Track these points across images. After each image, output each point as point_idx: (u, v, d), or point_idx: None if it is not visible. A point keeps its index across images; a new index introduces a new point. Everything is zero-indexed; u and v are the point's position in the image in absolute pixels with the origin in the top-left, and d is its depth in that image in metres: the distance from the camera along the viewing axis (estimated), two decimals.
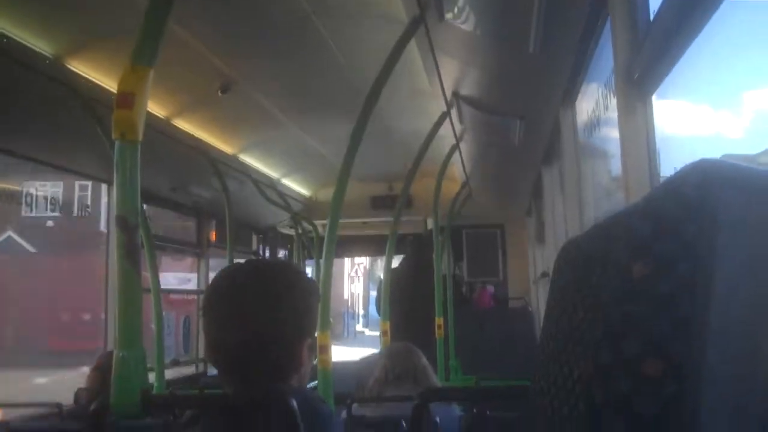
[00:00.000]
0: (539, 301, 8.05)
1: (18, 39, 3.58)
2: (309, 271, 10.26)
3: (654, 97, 2.57)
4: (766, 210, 0.67)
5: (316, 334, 1.70)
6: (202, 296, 7.86)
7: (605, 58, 3.23)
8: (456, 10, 3.35)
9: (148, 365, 2.01)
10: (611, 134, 3.50)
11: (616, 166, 3.25)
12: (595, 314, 0.77)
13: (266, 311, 1.55)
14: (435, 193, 6.26)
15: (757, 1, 2.06)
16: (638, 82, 2.54)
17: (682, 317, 0.65)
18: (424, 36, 3.53)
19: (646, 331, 0.67)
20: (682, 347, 0.64)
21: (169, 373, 6.10)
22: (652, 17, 2.52)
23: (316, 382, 3.48)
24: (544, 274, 7.06)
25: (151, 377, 5.44)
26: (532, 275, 8.76)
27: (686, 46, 2.17)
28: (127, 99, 1.97)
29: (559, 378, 0.84)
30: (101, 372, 3.87)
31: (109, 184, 5.74)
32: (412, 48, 3.70)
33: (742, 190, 0.67)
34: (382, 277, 6.37)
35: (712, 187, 0.66)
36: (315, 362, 3.58)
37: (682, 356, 0.64)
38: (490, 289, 9.39)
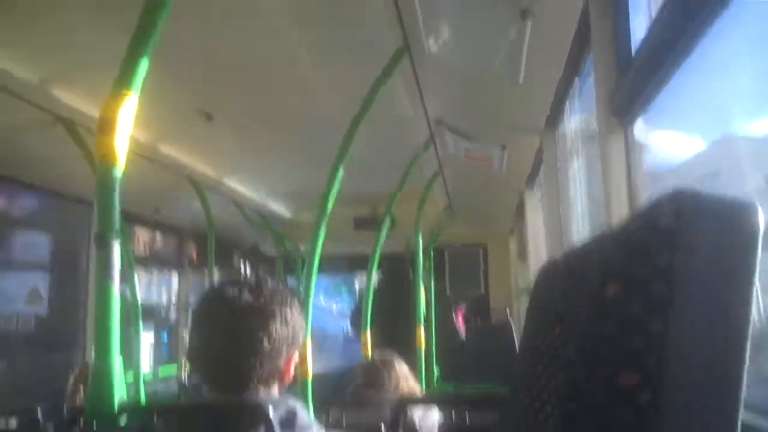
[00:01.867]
0: (520, 316, 8.11)
1: (2, 65, 3.57)
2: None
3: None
4: (738, 238, 0.68)
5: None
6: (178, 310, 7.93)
7: (588, 86, 3.28)
8: (440, 42, 3.38)
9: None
10: (592, 160, 3.55)
11: (597, 190, 3.29)
12: (571, 331, 0.79)
13: (262, 327, 1.62)
14: (417, 213, 6.30)
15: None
16: (619, 112, 2.58)
17: (654, 334, 0.66)
18: (409, 66, 3.55)
19: (620, 347, 0.68)
20: (654, 361, 0.65)
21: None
22: (633, 51, 2.57)
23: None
24: (525, 290, 7.12)
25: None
26: (514, 291, 8.83)
27: (667, 79, 2.21)
28: (109, 124, 1.99)
29: (535, 389, 0.86)
30: (80, 381, 3.90)
31: (90, 204, 5.73)
32: (396, 76, 3.73)
33: (714, 219, 0.69)
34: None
35: (687, 216, 0.68)
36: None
37: (654, 369, 0.65)
38: (462, 306, 9.45)
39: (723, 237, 0.68)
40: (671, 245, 0.67)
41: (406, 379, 3.50)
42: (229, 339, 1.62)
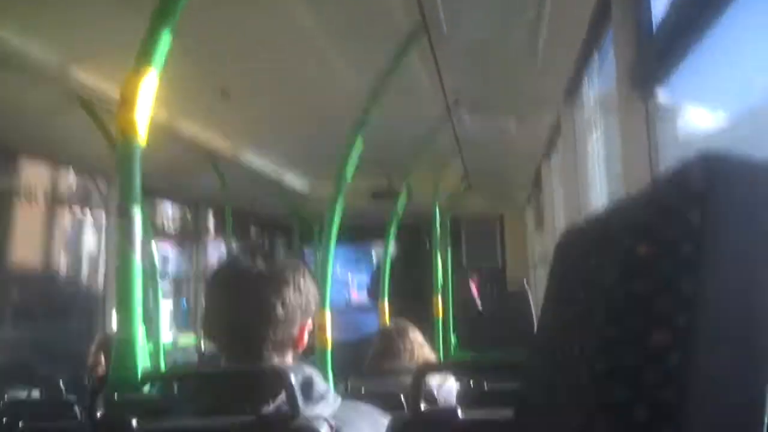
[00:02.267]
0: (537, 285, 8.12)
1: (22, 44, 3.58)
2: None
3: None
4: (766, 200, 0.69)
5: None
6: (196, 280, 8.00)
7: (608, 59, 3.25)
8: (458, 16, 3.35)
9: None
10: (611, 133, 3.53)
11: (615, 163, 3.27)
12: (598, 294, 0.79)
13: (276, 294, 1.64)
14: (434, 185, 6.29)
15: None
16: (639, 85, 2.56)
17: (685, 294, 0.67)
18: (426, 44, 3.53)
19: (651, 307, 0.68)
20: (684, 321, 0.66)
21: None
22: (654, 24, 2.54)
23: (314, 358, 3.57)
24: (543, 260, 7.12)
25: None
26: (531, 262, 8.82)
27: (688, 52, 2.20)
28: (130, 101, 2.00)
29: (559, 353, 0.87)
30: (101, 352, 3.95)
31: (110, 180, 5.78)
32: (413, 53, 3.71)
33: (745, 180, 0.69)
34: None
35: (717, 179, 0.68)
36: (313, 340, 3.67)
37: (684, 329, 0.66)
38: (476, 280, 9.42)
39: (753, 199, 0.68)
40: (702, 207, 0.67)
41: (421, 346, 3.53)
42: (243, 306, 1.64)
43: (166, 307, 7.35)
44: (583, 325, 0.81)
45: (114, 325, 2.71)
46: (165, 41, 2.07)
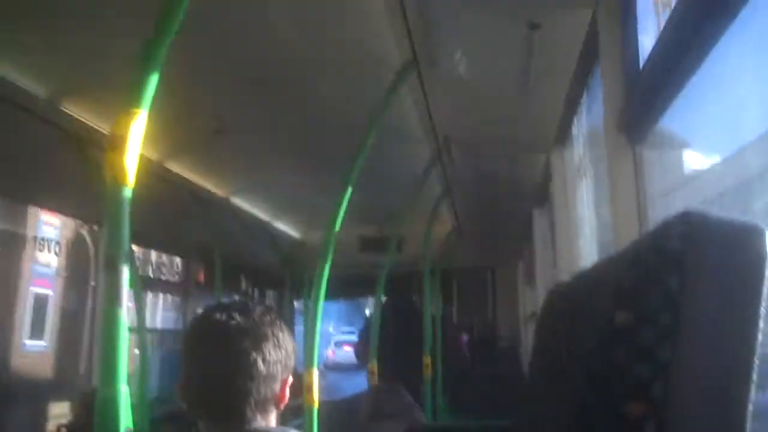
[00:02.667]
0: (528, 341, 8.04)
1: (13, 81, 3.59)
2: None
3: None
4: (745, 261, 0.68)
5: (302, 373, 1.72)
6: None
7: (597, 103, 3.27)
8: (448, 56, 3.39)
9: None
10: (601, 179, 3.53)
11: (606, 210, 3.27)
12: (579, 358, 0.78)
13: (256, 352, 1.57)
14: (425, 236, 6.27)
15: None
16: (628, 129, 2.56)
17: (662, 364, 0.66)
18: (417, 81, 3.56)
19: (628, 376, 0.67)
20: (661, 391, 0.65)
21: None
22: (641, 65, 2.55)
23: (301, 420, 3.48)
24: (533, 315, 7.07)
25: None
26: (522, 316, 8.77)
27: (675, 94, 2.20)
28: (120, 142, 1.98)
29: (543, 417, 0.85)
30: (85, 409, 3.85)
31: (100, 225, 5.74)
32: (404, 92, 3.74)
33: (724, 242, 0.69)
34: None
35: (696, 239, 0.68)
36: (300, 401, 3.59)
37: (661, 400, 0.65)
38: (464, 337, 9.29)
39: (730, 260, 0.69)
40: (679, 269, 0.68)
41: (411, 409, 3.48)
42: (223, 364, 1.57)
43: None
44: (564, 389, 0.81)
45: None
46: (154, 79, 2.06)
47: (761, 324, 0.71)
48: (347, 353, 29.70)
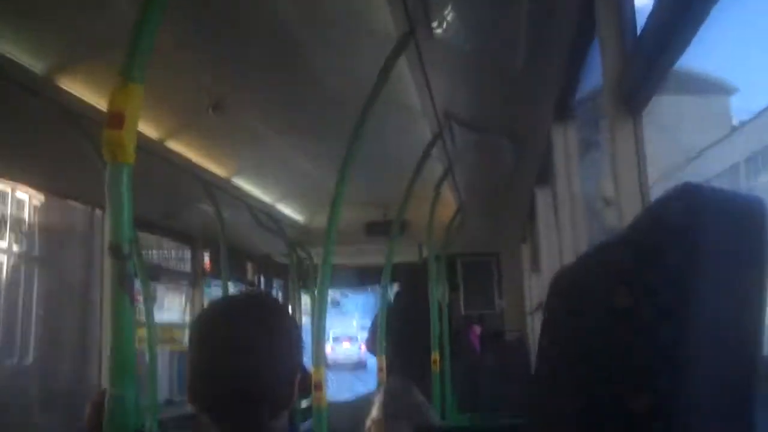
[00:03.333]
0: (535, 333, 8.00)
1: (7, 55, 3.57)
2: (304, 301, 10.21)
3: None
4: (746, 234, 0.68)
5: (310, 370, 1.65)
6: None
7: (594, 75, 3.24)
8: (446, 25, 3.37)
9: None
10: (603, 152, 3.51)
11: (609, 185, 3.24)
12: (582, 346, 0.77)
13: (265, 346, 1.51)
14: (429, 218, 6.23)
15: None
16: (627, 98, 2.54)
17: (666, 344, 0.65)
18: (415, 53, 3.54)
19: (630, 362, 0.66)
20: (665, 379, 0.64)
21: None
22: (639, 33, 2.53)
23: (311, 420, 3.42)
24: (540, 306, 7.00)
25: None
26: (528, 306, 8.70)
27: (674, 61, 2.18)
28: (117, 118, 1.91)
29: (552, 413, 0.83)
30: (97, 410, 3.83)
31: (102, 208, 5.72)
32: (403, 67, 3.72)
33: (723, 215, 0.68)
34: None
35: (696, 213, 0.67)
36: (310, 400, 3.53)
37: (667, 388, 0.63)
38: (477, 329, 9.20)
39: (732, 234, 0.68)
40: (681, 244, 0.66)
41: (422, 408, 3.45)
42: (229, 361, 1.50)
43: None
44: (571, 381, 0.79)
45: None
46: (148, 52, 2.02)
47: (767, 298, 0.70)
48: (346, 350, 29.24)
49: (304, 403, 6.55)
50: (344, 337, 30.15)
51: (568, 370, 0.80)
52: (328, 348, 29.31)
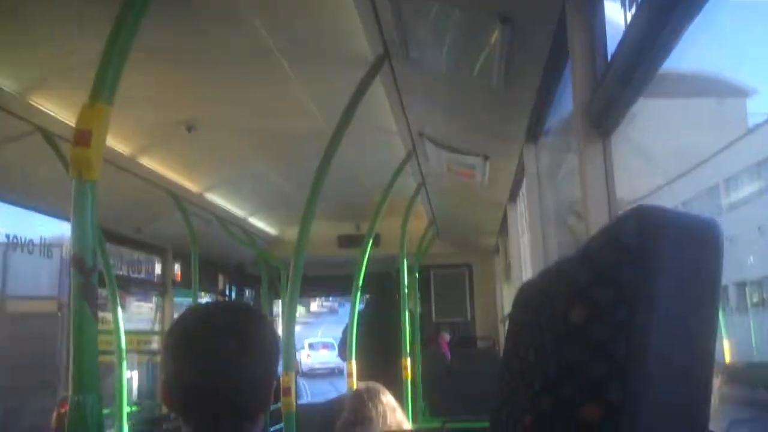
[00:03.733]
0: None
1: None
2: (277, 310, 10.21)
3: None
4: (699, 255, 0.69)
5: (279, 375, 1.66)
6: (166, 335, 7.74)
7: (567, 97, 3.28)
8: (420, 49, 3.39)
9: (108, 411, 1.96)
10: (573, 173, 3.54)
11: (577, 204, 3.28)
12: (539, 357, 0.78)
13: (243, 354, 1.51)
14: (401, 231, 6.26)
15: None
16: (597, 121, 2.57)
17: (618, 360, 0.66)
18: (389, 74, 3.56)
19: (582, 375, 0.67)
20: (618, 391, 0.65)
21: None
22: (610, 57, 2.56)
23: (282, 425, 3.43)
24: (509, 314, 7.05)
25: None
26: (500, 315, 8.77)
27: (644, 85, 2.21)
28: (84, 137, 1.92)
29: (509, 421, 0.84)
30: (59, 418, 3.82)
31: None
32: (378, 86, 3.73)
33: (677, 236, 0.69)
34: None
35: (650, 233, 0.68)
36: (279, 405, 3.55)
37: (617, 400, 0.65)
38: (446, 336, 9.22)
39: (685, 254, 0.69)
40: (633, 263, 0.68)
41: (393, 411, 3.45)
42: (206, 368, 1.50)
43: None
44: (528, 391, 0.81)
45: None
46: (119, 72, 2.01)
47: (719, 318, 0.71)
48: (323, 356, 29.04)
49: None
50: (320, 344, 30.05)
51: (525, 379, 0.81)
52: (305, 355, 29.15)
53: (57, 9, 3.23)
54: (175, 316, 7.88)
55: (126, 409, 5.70)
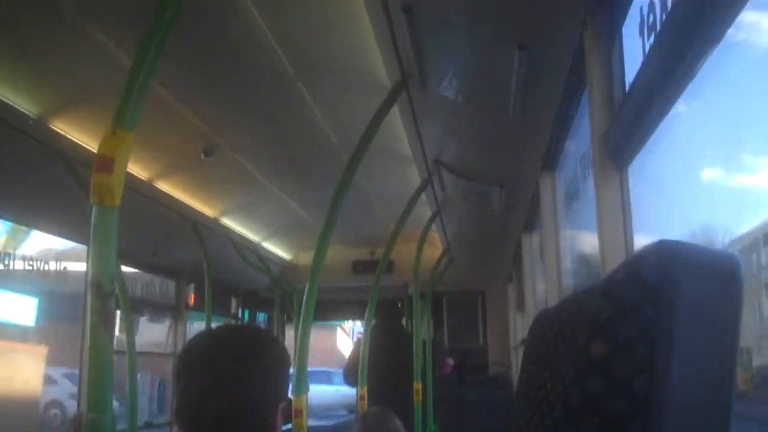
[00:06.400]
0: (519, 368, 7.98)
1: (1, 98, 3.59)
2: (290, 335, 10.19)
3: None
4: (720, 292, 0.68)
5: (291, 398, 1.66)
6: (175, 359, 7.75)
7: (584, 127, 3.27)
8: (438, 76, 3.40)
9: (121, 427, 1.97)
10: (589, 204, 3.53)
11: (594, 236, 3.26)
12: (557, 390, 0.77)
13: (248, 378, 1.53)
14: (416, 258, 6.24)
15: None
16: (614, 153, 2.56)
17: (639, 397, 0.65)
18: (407, 102, 3.57)
19: (604, 411, 0.66)
20: (639, 427, 0.64)
21: None
22: (627, 88, 2.55)
23: None
24: (524, 342, 7.00)
25: None
26: (512, 342, 8.72)
27: (662, 117, 2.20)
28: (106, 163, 1.94)
29: None
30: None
31: (89, 246, 5.67)
32: (394, 114, 3.74)
33: (698, 272, 0.68)
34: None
35: (671, 270, 0.68)
36: (290, 426, 3.53)
37: None
38: (450, 361, 9.17)
39: (706, 290, 0.69)
40: (654, 300, 0.67)
41: None
42: (214, 391, 1.52)
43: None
44: (546, 422, 0.80)
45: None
46: (141, 100, 2.04)
47: (738, 354, 0.71)
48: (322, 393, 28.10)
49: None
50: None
51: (542, 409, 0.80)
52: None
53: (78, 35, 3.27)
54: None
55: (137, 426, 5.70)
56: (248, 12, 3.18)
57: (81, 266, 7.11)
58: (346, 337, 28.38)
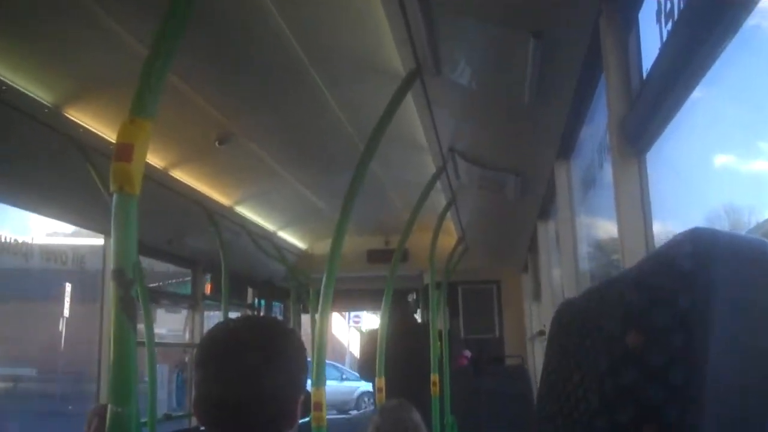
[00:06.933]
0: (535, 358, 7.98)
1: (17, 87, 3.60)
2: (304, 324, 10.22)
3: None
4: (757, 279, 0.68)
5: (310, 390, 1.66)
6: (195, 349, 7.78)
7: (600, 114, 3.25)
8: (452, 64, 3.39)
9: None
10: (606, 191, 3.51)
11: (611, 224, 3.24)
12: (590, 381, 0.77)
13: (267, 369, 1.54)
14: (431, 247, 6.23)
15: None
16: (633, 139, 2.54)
17: (676, 386, 0.65)
18: (421, 90, 3.56)
19: (640, 401, 0.66)
20: (677, 414, 0.64)
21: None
22: (645, 74, 2.53)
23: None
24: (541, 333, 7.00)
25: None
26: (528, 332, 8.71)
27: (680, 104, 2.18)
28: (125, 151, 1.93)
29: None
30: (97, 422, 3.85)
31: (107, 235, 5.71)
32: (409, 102, 3.73)
33: (734, 260, 0.68)
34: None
35: (706, 258, 0.67)
36: (309, 419, 3.54)
37: (677, 423, 0.63)
38: (467, 353, 9.15)
39: (742, 278, 0.68)
40: (689, 289, 0.67)
41: (416, 427, 3.45)
42: (232, 383, 1.53)
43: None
44: (577, 413, 0.80)
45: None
46: (158, 88, 2.03)
47: None
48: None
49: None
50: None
51: (571, 402, 0.80)
52: None
53: (94, 23, 3.28)
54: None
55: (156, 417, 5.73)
56: (262, 0, 3.18)
57: None
58: (344, 321, 27.80)
